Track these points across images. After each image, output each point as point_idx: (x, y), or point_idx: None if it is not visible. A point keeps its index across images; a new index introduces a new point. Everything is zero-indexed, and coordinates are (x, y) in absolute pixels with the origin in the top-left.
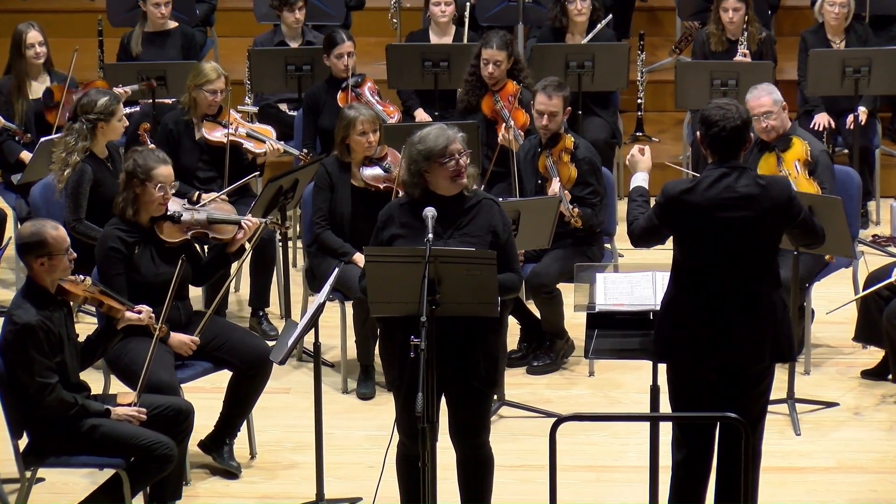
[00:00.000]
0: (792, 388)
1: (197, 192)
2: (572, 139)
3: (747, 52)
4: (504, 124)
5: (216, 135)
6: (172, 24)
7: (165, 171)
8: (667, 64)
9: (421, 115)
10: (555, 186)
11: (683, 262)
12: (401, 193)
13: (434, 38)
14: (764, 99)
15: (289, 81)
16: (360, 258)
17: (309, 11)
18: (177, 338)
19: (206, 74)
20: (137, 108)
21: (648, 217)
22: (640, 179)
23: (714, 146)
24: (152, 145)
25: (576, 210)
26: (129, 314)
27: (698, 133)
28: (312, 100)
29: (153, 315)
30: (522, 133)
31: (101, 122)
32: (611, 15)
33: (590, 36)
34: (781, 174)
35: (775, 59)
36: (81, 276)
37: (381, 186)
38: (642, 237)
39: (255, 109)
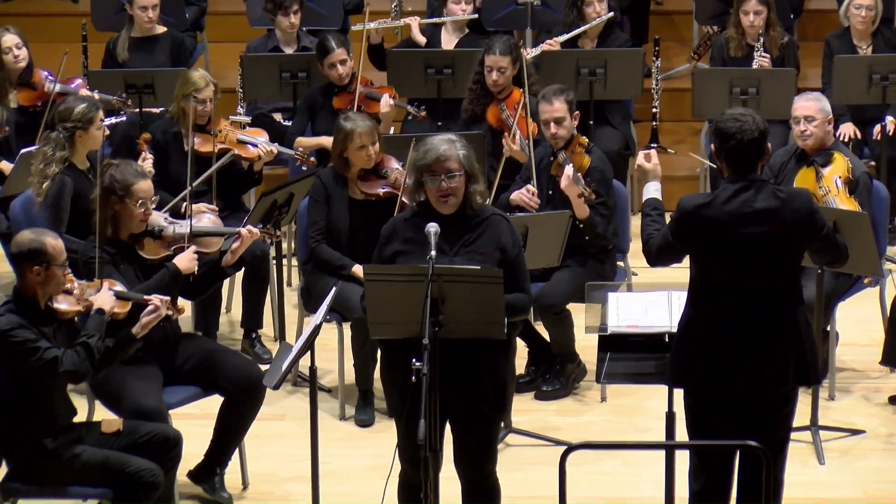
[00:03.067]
0: (816, 415)
1: (184, 204)
2: (586, 140)
3: (767, 55)
4: (510, 134)
5: (207, 145)
6: (161, 29)
7: (145, 185)
8: (684, 71)
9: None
10: (567, 171)
11: (701, 281)
12: (405, 200)
13: (445, 38)
14: (810, 103)
15: (283, 89)
16: (360, 269)
17: (305, 15)
18: (181, 258)
19: (195, 83)
20: (124, 118)
21: (664, 234)
22: (652, 190)
23: (731, 160)
24: (150, 155)
25: (591, 186)
26: (144, 319)
27: (713, 146)
28: (310, 100)
29: (165, 300)
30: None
31: (79, 131)
32: (612, 12)
33: (591, 24)
34: (820, 190)
35: (798, 66)
36: (75, 283)
37: (381, 193)
38: (660, 256)
39: (247, 119)
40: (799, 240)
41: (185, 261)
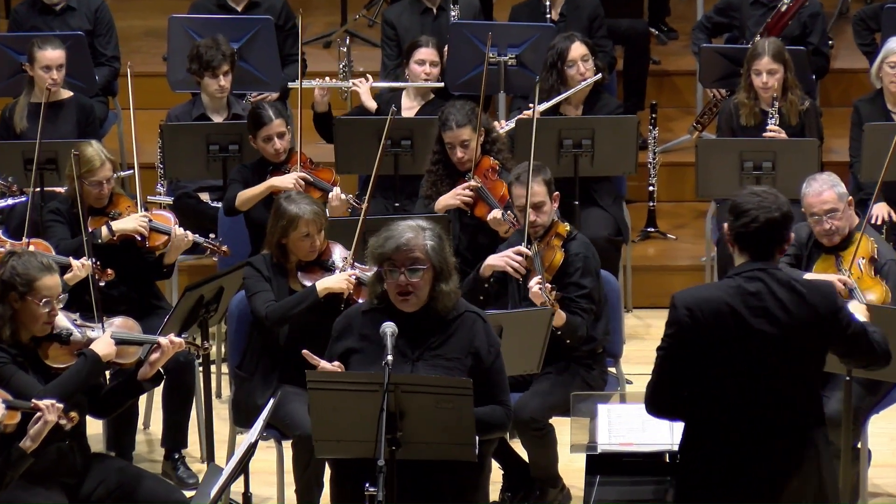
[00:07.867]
0: None
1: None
2: (567, 227)
3: (777, 128)
4: (488, 206)
5: (107, 231)
6: (66, 94)
7: (51, 281)
8: (686, 142)
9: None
10: (532, 284)
11: (701, 393)
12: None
13: (405, 104)
14: (826, 194)
15: (211, 164)
16: (326, 282)
17: (237, 77)
18: (99, 342)
19: (89, 162)
20: (23, 199)
21: (660, 358)
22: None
23: (743, 242)
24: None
25: (554, 292)
26: (32, 430)
27: (725, 226)
28: (241, 177)
29: (53, 405)
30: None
31: None
32: (599, 73)
33: (575, 89)
34: (840, 275)
35: (821, 136)
36: None
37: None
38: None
39: (168, 200)
40: (818, 341)
41: (104, 345)
